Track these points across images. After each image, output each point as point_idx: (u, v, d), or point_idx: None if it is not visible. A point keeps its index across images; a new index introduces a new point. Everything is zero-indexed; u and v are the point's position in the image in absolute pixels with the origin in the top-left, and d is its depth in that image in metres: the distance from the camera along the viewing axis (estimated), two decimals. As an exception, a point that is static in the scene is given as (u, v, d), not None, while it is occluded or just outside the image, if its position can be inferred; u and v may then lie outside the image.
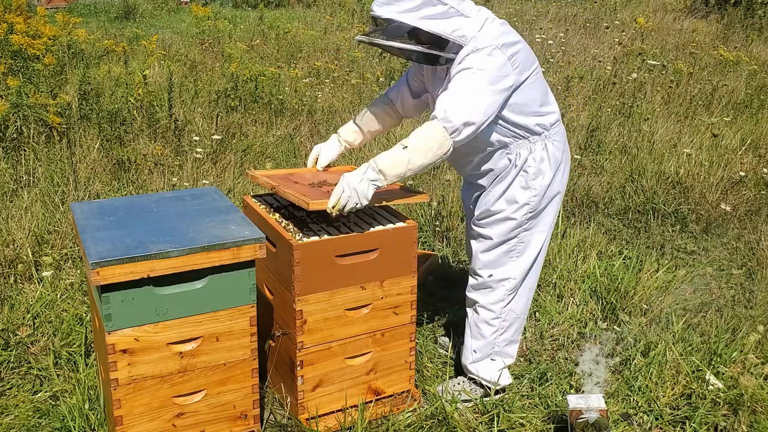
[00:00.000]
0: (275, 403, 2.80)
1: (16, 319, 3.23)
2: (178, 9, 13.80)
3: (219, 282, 2.27)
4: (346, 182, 2.37)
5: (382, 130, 2.95)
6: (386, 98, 2.89)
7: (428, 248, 4.21)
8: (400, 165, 2.37)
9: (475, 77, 2.39)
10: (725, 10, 11.29)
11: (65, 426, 2.58)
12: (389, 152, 2.40)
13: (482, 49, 2.41)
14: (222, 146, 5.22)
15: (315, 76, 7.25)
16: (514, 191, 2.63)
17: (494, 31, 2.47)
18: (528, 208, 2.65)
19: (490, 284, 2.75)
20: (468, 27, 2.45)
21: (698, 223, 4.64)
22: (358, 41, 2.55)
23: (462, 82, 2.40)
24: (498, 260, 2.72)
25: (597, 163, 5.43)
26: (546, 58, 7.78)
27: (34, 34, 5.94)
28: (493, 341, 2.81)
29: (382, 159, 2.39)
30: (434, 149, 2.37)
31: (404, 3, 2.39)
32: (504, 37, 2.45)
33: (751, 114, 6.88)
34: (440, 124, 2.37)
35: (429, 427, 2.68)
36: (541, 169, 2.62)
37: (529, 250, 2.72)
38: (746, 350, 3.11)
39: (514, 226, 2.67)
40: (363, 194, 2.36)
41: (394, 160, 2.37)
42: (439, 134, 2.37)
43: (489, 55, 2.40)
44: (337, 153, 2.93)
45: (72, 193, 4.37)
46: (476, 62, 2.40)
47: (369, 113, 2.89)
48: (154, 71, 6.83)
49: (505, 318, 2.79)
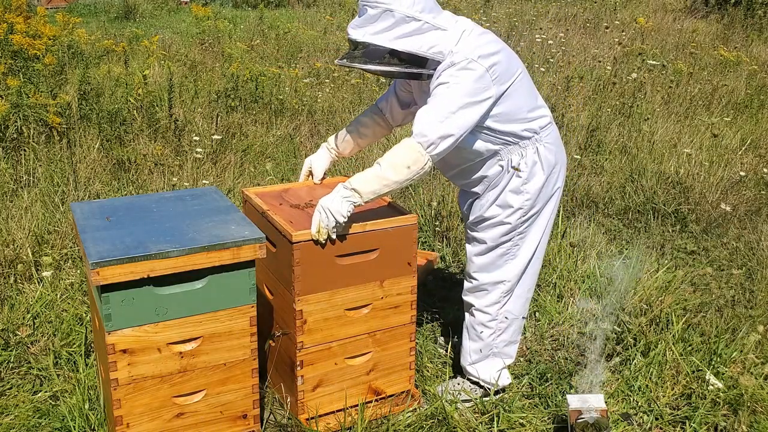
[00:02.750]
0: (275, 403, 2.81)
1: (16, 319, 3.23)
2: (178, 9, 13.80)
3: (219, 282, 2.27)
4: (320, 205, 2.40)
5: (372, 139, 2.95)
6: (376, 108, 2.90)
7: (428, 248, 4.21)
8: (374, 182, 2.39)
9: (450, 91, 2.39)
10: (725, 10, 11.30)
11: (65, 426, 2.58)
12: (365, 171, 2.43)
13: (458, 62, 2.40)
14: (222, 146, 5.22)
15: (315, 76, 7.25)
16: (507, 196, 2.64)
17: (471, 44, 2.44)
18: (521, 212, 2.66)
19: (484, 287, 2.75)
20: (444, 42, 2.43)
21: (698, 223, 4.64)
22: (337, 64, 2.54)
23: (438, 97, 2.40)
24: (492, 263, 2.72)
25: (597, 163, 5.43)
26: (546, 58, 7.78)
27: (34, 34, 5.95)
28: (490, 343, 2.81)
29: (356, 177, 2.42)
30: (409, 165, 2.38)
31: (377, 24, 2.37)
32: (480, 49, 2.43)
33: (751, 114, 6.88)
34: (415, 140, 2.38)
35: (429, 427, 2.68)
36: (533, 173, 2.63)
37: (524, 253, 2.73)
38: (746, 350, 3.11)
39: (508, 230, 2.67)
40: (338, 212, 2.38)
41: (367, 176, 2.40)
42: (413, 151, 2.38)
43: (465, 69, 2.39)
44: (328, 162, 2.94)
45: (72, 193, 4.37)
46: (452, 76, 2.40)
47: (358, 122, 2.90)
48: (154, 71, 6.83)
49: (502, 320, 2.79)
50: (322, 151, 2.95)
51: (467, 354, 2.86)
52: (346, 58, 2.47)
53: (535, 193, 2.64)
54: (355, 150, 2.96)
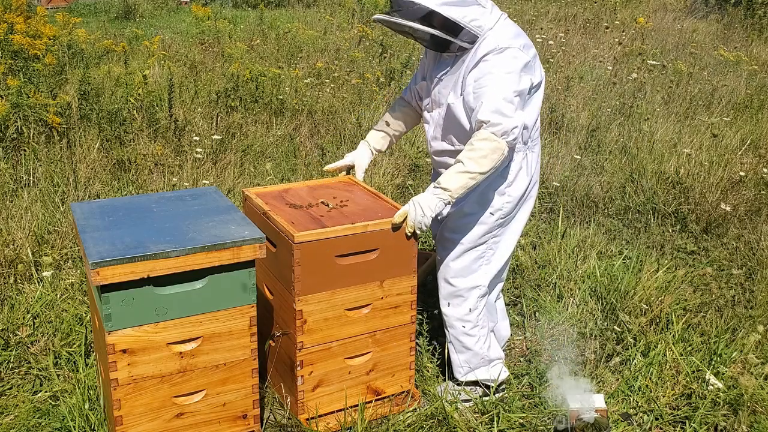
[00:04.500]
0: (275, 403, 2.80)
1: (16, 319, 3.23)
2: (178, 9, 13.78)
3: (219, 282, 2.27)
4: (413, 201, 2.53)
5: (406, 129, 3.00)
6: (402, 100, 2.95)
7: (428, 248, 4.21)
8: (460, 178, 2.46)
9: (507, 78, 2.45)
10: (725, 10, 11.30)
11: (65, 426, 2.58)
12: (449, 169, 2.51)
13: (505, 49, 2.47)
14: (222, 146, 5.22)
15: (315, 76, 7.25)
16: (489, 195, 2.66)
17: (511, 31, 2.54)
18: (500, 214, 2.68)
19: (460, 293, 2.76)
20: (484, 18, 2.50)
21: (698, 223, 4.63)
22: (374, 20, 2.59)
23: (495, 85, 2.45)
24: (468, 267, 2.74)
25: (597, 163, 5.43)
26: (546, 58, 7.78)
27: (34, 34, 5.95)
28: (478, 351, 2.81)
29: (443, 176, 2.51)
30: (489, 155, 2.43)
31: None
32: (523, 38, 2.54)
33: (751, 114, 6.88)
34: (489, 131, 2.42)
35: (429, 427, 2.68)
36: (518, 178, 2.67)
37: (497, 257, 2.76)
38: (746, 350, 3.11)
39: (485, 231, 2.70)
40: (428, 207, 2.49)
41: (453, 174, 2.47)
42: (491, 141, 2.42)
43: (514, 57, 2.47)
44: (369, 160, 2.98)
45: (72, 193, 4.37)
46: (503, 64, 2.46)
47: (390, 116, 2.95)
48: (154, 71, 6.83)
49: (483, 324, 2.79)
50: (363, 150, 2.98)
51: (458, 368, 2.86)
52: (386, 14, 2.52)
53: (516, 198, 2.69)
54: (392, 144, 3.02)
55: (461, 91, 2.56)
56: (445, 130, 2.68)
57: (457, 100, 2.58)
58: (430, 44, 2.58)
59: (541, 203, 4.78)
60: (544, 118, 6.00)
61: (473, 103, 2.50)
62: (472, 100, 2.50)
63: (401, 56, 7.82)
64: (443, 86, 2.63)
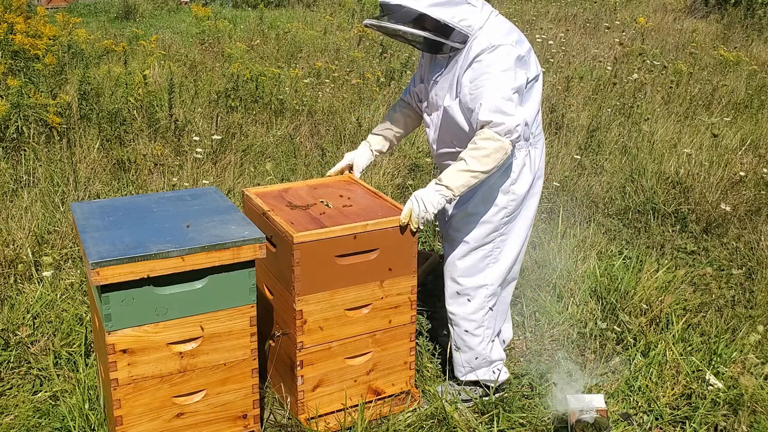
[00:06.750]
0: (275, 403, 2.80)
1: (16, 319, 3.23)
2: (178, 9, 13.78)
3: (219, 282, 2.27)
4: (414, 196, 2.52)
5: (407, 131, 3.00)
6: (402, 102, 2.95)
7: (428, 248, 4.21)
8: (462, 176, 2.47)
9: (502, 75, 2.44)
10: (725, 10, 11.29)
11: (65, 426, 2.58)
12: (451, 167, 2.51)
13: (498, 47, 2.46)
14: (222, 146, 5.21)
15: (315, 76, 7.24)
16: (494, 193, 2.66)
17: (503, 27, 2.53)
18: (505, 212, 2.68)
19: (467, 292, 2.74)
20: (474, 17, 2.49)
21: (698, 223, 4.63)
22: (365, 25, 2.59)
23: (492, 84, 2.44)
24: (475, 266, 2.73)
25: (597, 163, 5.43)
26: (546, 58, 7.78)
27: (34, 34, 5.94)
28: (481, 351, 2.80)
29: (445, 174, 2.51)
30: (492, 154, 2.43)
31: None
32: (515, 34, 2.53)
33: (751, 114, 6.88)
34: (492, 131, 2.42)
35: (429, 427, 2.68)
36: (522, 175, 2.66)
37: (505, 255, 2.75)
38: (746, 350, 3.11)
39: (491, 230, 2.69)
40: (430, 202, 2.51)
41: (455, 172, 2.48)
42: (493, 140, 2.42)
43: (508, 54, 2.46)
44: (368, 161, 2.98)
45: (72, 193, 4.37)
46: (498, 62, 2.45)
47: (390, 118, 2.95)
48: (154, 71, 6.83)
49: (489, 325, 2.79)
50: (364, 150, 2.98)
51: (460, 367, 2.85)
52: (375, 19, 2.52)
53: (521, 196, 2.68)
54: (393, 145, 3.02)
55: (457, 93, 2.55)
56: (444, 132, 2.68)
57: (453, 102, 2.57)
58: (423, 46, 2.58)
59: (541, 203, 4.78)
60: (544, 119, 6.00)
61: (471, 104, 2.49)
62: (469, 102, 2.50)
63: (401, 56, 7.82)
64: (439, 88, 2.62)
